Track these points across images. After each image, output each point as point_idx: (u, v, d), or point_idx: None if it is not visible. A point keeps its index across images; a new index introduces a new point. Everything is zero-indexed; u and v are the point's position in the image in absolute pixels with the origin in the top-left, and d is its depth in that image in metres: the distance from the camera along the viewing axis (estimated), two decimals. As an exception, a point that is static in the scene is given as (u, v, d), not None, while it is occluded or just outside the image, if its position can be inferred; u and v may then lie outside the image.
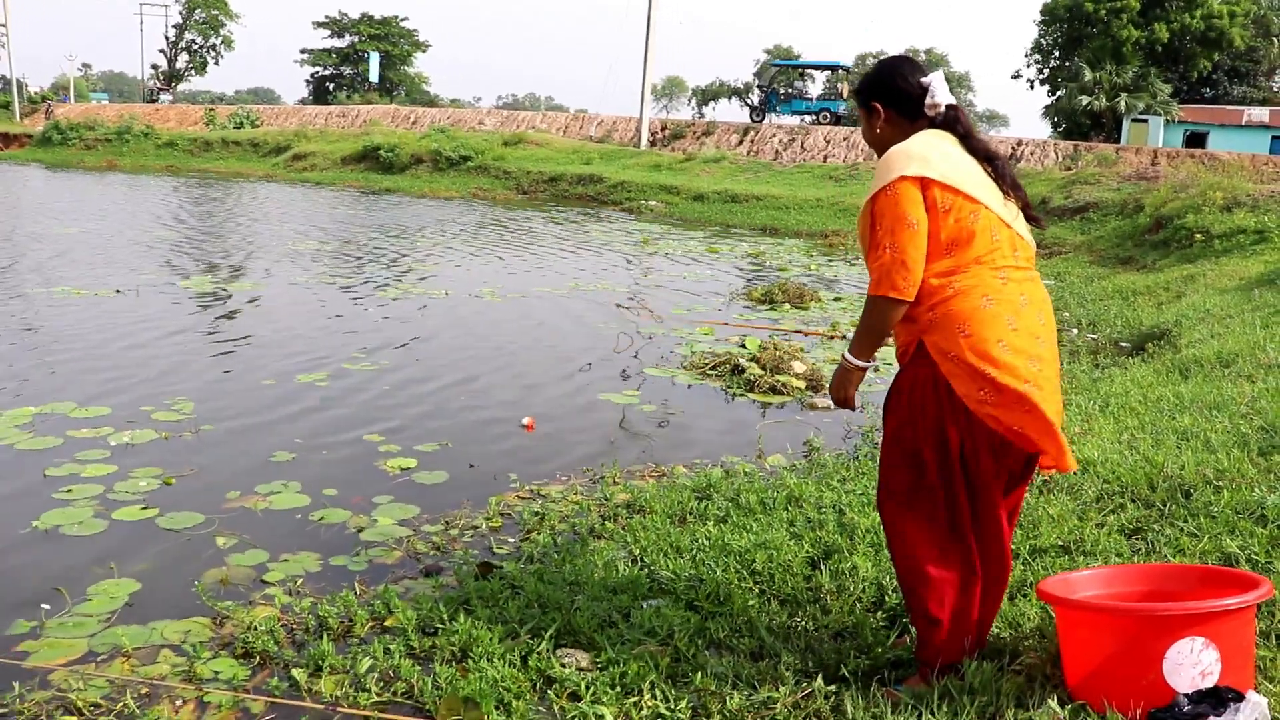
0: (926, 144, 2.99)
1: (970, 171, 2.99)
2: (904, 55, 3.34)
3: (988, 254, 2.92)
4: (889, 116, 3.16)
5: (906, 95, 3.12)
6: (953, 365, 2.88)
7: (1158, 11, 47.96)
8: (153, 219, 19.77)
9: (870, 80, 3.23)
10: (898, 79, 3.14)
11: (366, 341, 9.16)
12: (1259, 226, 14.17)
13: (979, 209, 2.93)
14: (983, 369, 2.83)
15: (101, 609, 4.01)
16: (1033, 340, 2.91)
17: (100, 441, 6.03)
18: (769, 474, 5.66)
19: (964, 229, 2.91)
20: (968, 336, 2.85)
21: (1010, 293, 2.92)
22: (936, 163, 2.93)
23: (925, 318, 2.93)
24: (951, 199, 2.90)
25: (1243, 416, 5.38)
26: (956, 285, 2.89)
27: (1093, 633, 2.77)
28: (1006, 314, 2.88)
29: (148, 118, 46.87)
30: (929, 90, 3.10)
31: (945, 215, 2.90)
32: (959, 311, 2.87)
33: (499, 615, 3.75)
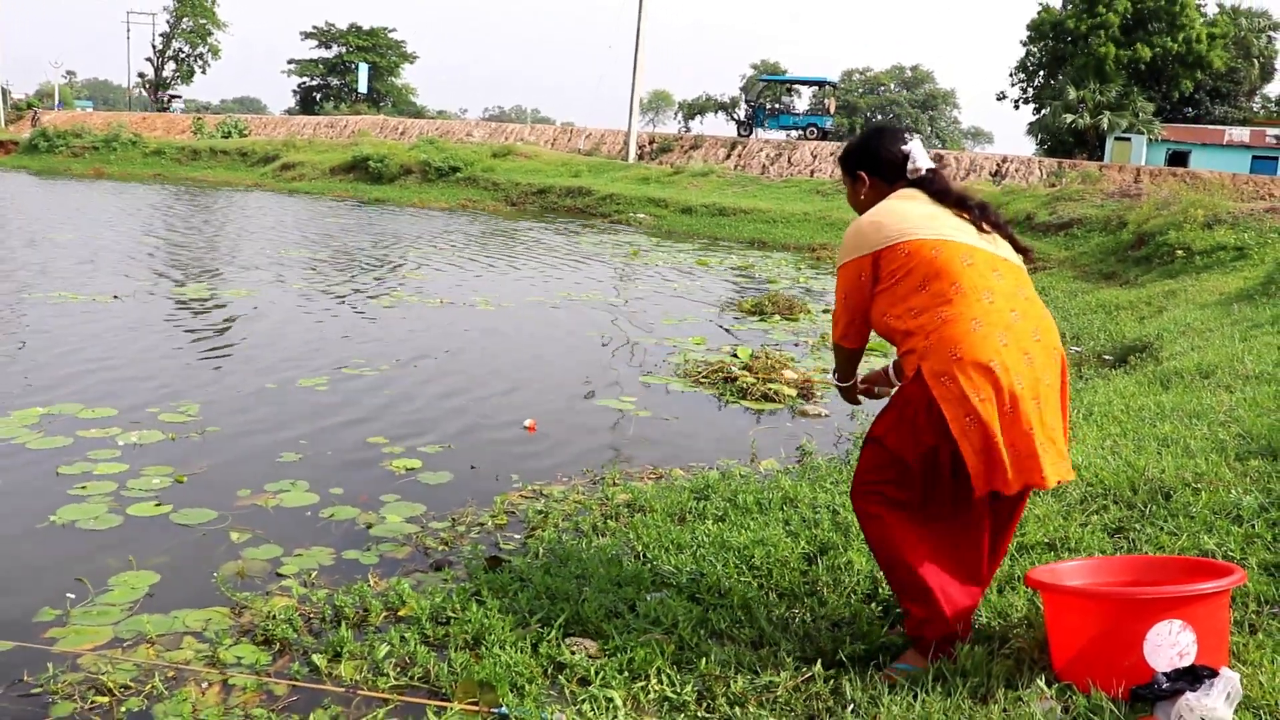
0: (883, 210, 3.23)
1: (928, 217, 3.17)
2: (885, 125, 3.63)
3: (966, 280, 3.06)
4: (873, 183, 3.40)
5: (888, 162, 3.35)
6: (944, 389, 3.00)
7: (1139, 32, 48.55)
8: (144, 226, 19.87)
9: (855, 150, 3.47)
10: (880, 149, 3.38)
11: (363, 348, 9.30)
12: (1239, 244, 14.44)
13: (940, 243, 3.10)
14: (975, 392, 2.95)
15: (124, 599, 4.15)
16: (1021, 357, 3.01)
17: (109, 441, 6.16)
18: (764, 477, 5.83)
19: (931, 266, 3.08)
20: (959, 360, 2.98)
21: (999, 310, 3.05)
22: (887, 226, 3.16)
23: (921, 345, 3.07)
24: (907, 247, 3.10)
25: (1221, 424, 5.57)
26: (944, 314, 3.04)
27: (1078, 616, 2.95)
28: (997, 332, 3.01)
29: (135, 126, 46.89)
30: (909, 157, 3.32)
31: (905, 262, 3.11)
32: (950, 336, 3.01)
33: (509, 606, 3.90)
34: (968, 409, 2.97)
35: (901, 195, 3.28)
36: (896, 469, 3.16)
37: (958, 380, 2.97)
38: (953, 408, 2.98)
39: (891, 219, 3.17)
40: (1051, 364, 3.11)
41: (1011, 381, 2.97)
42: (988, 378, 2.96)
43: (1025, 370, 3.01)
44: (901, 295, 3.12)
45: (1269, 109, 58.81)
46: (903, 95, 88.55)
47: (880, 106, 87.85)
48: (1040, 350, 3.08)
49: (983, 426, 2.96)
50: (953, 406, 2.98)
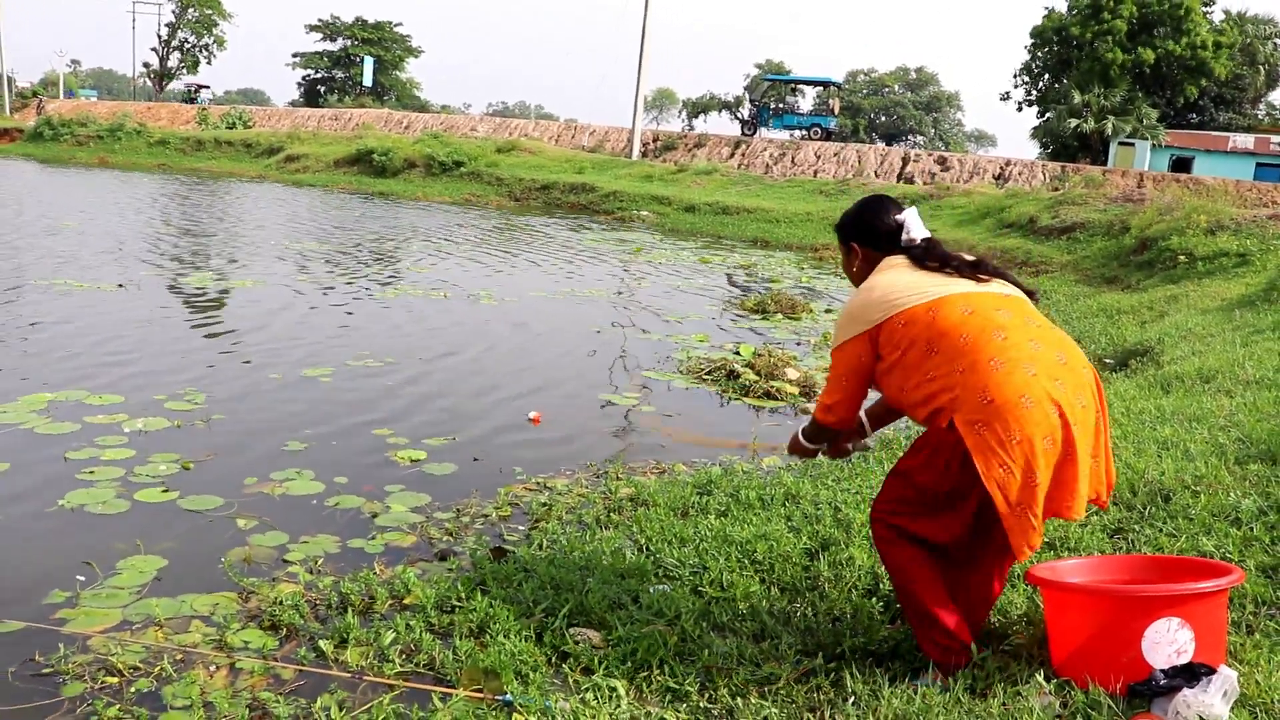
0: (869, 288, 3.22)
1: (914, 284, 3.14)
2: (881, 195, 3.55)
3: (971, 328, 3.01)
4: (864, 254, 3.40)
5: (883, 233, 3.35)
6: (979, 438, 2.89)
7: (1144, 37, 48.58)
8: (149, 216, 19.92)
9: (848, 221, 3.47)
10: (876, 221, 3.38)
11: (368, 339, 9.35)
12: (1241, 250, 14.47)
13: (933, 304, 3.07)
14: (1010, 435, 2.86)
15: (132, 582, 4.19)
16: (1052, 384, 2.92)
17: (116, 428, 6.20)
18: (766, 473, 5.87)
19: (932, 329, 3.04)
20: (990, 403, 2.89)
21: (1015, 344, 2.97)
22: (877, 303, 3.14)
23: (947, 400, 2.98)
24: (902, 318, 3.09)
25: (1221, 428, 5.61)
26: (961, 366, 2.97)
27: (1078, 613, 2.99)
28: (1022, 366, 2.92)
29: (140, 115, 46.91)
30: (904, 227, 3.31)
31: (905, 333, 3.08)
32: (976, 383, 2.92)
33: (514, 595, 3.94)
34: (1001, 460, 2.86)
35: (885, 266, 3.28)
36: (920, 504, 3.12)
37: (993, 427, 2.87)
38: (986, 459, 2.88)
39: (878, 294, 3.16)
40: (1083, 384, 3.00)
41: (1047, 412, 2.87)
42: (1023, 416, 2.86)
43: (1060, 394, 2.91)
44: (913, 365, 3.07)
45: (1274, 116, 58.83)
46: (907, 97, 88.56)
47: (884, 108, 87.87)
48: (1068, 372, 2.98)
49: (1021, 475, 2.86)
50: (986, 457, 2.88)
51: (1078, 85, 47.81)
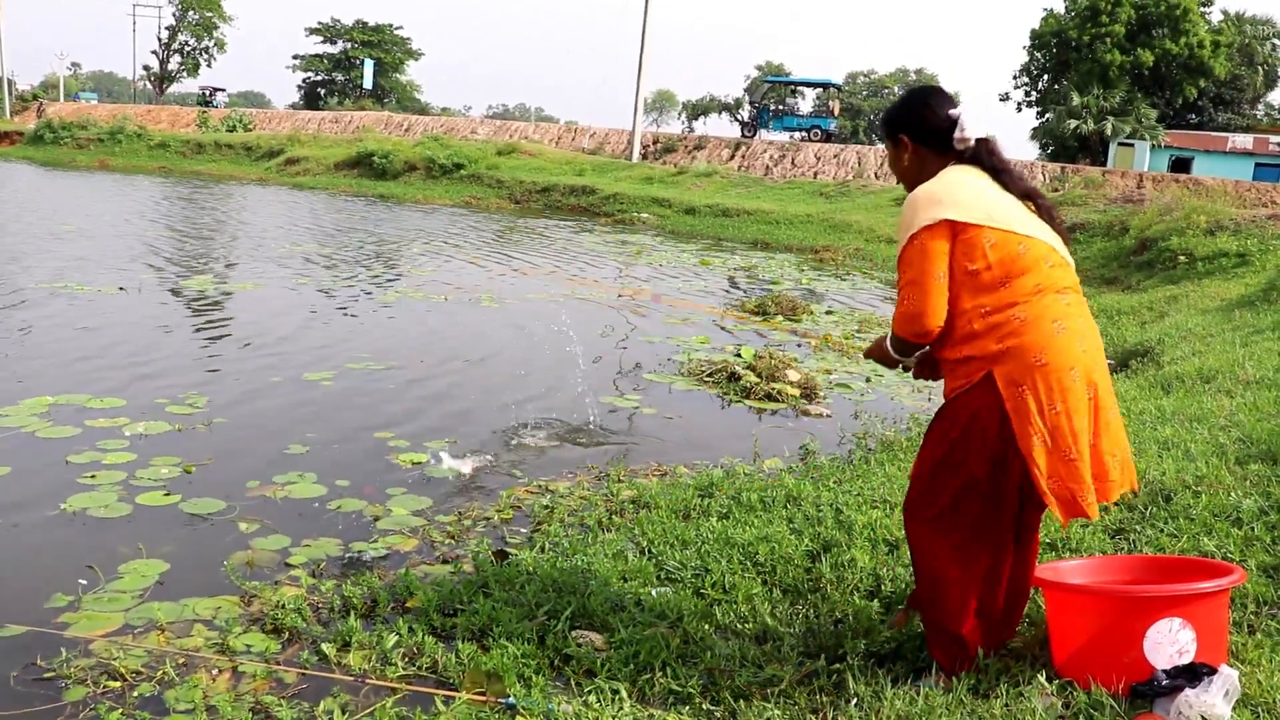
0: (955, 182, 2.96)
1: (1009, 205, 2.95)
2: (933, 85, 3.27)
3: (1048, 281, 2.90)
4: (916, 150, 3.12)
5: (934, 128, 3.07)
6: (1021, 398, 2.83)
7: (1143, 38, 48.63)
8: (149, 219, 19.92)
9: (896, 111, 3.18)
10: (925, 110, 3.09)
11: (369, 342, 9.35)
12: (1241, 250, 14.49)
13: (1026, 240, 2.89)
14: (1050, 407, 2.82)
15: (134, 586, 4.20)
16: (1095, 364, 2.91)
17: (117, 431, 6.20)
18: (767, 475, 5.87)
19: (1015, 262, 2.87)
20: (1043, 366, 2.82)
21: (1076, 314, 2.92)
22: (969, 203, 2.89)
23: (993, 349, 2.87)
24: (993, 235, 2.87)
25: (1221, 428, 5.61)
26: (1022, 315, 2.85)
27: (1079, 614, 3.00)
28: (1075, 336, 2.87)
29: (140, 118, 46.97)
30: (957, 123, 3.05)
31: (988, 252, 2.86)
32: (1033, 343, 2.83)
33: (516, 598, 3.95)
34: (1037, 429, 2.82)
35: (966, 171, 3.01)
36: (967, 489, 2.96)
37: (1037, 390, 2.81)
38: (1022, 422, 2.83)
39: (968, 195, 2.91)
40: (1105, 368, 3.01)
41: (1097, 387, 2.87)
42: (1067, 389, 2.82)
43: (1100, 378, 2.90)
44: (985, 288, 2.88)
45: (1272, 116, 58.86)
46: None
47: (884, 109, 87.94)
48: (1099, 353, 2.98)
49: (1059, 442, 2.82)
50: (1023, 421, 2.83)
51: (1077, 86, 47.85)
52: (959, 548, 3.02)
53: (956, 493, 2.99)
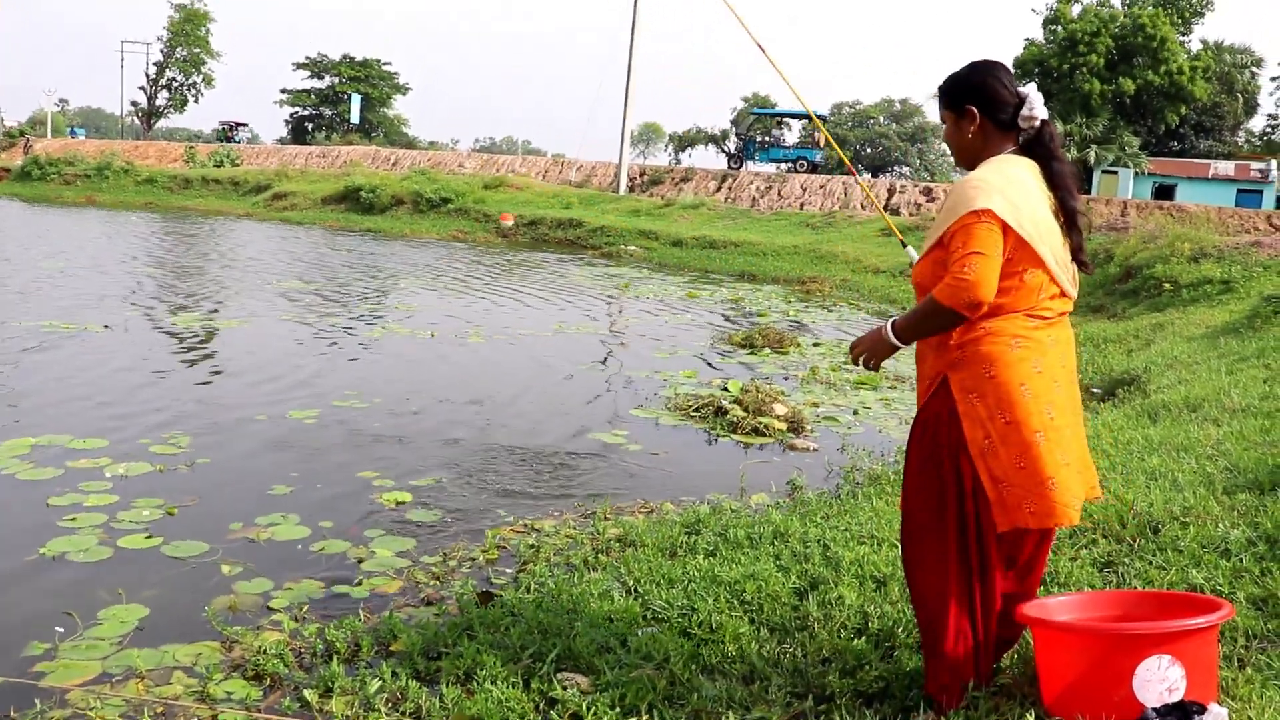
0: (1010, 180, 2.93)
1: (1041, 218, 2.93)
2: (998, 60, 3.17)
3: (1027, 306, 2.93)
4: (983, 124, 3.05)
5: (1004, 103, 3.02)
6: (970, 404, 2.92)
7: (1123, 67, 49.08)
8: (135, 255, 19.87)
9: (964, 81, 3.09)
10: (997, 84, 3.03)
11: (355, 380, 9.31)
12: (1225, 277, 14.57)
13: (1036, 270, 2.91)
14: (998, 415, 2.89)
15: (113, 632, 4.14)
16: (1052, 385, 2.95)
17: (99, 473, 6.15)
18: (754, 511, 5.84)
19: (1017, 281, 2.90)
20: (992, 378, 2.89)
21: (1040, 335, 2.94)
22: (1015, 207, 2.87)
23: (954, 354, 2.96)
24: (1016, 250, 2.87)
25: (1208, 458, 5.60)
26: (989, 326, 2.91)
27: (1068, 651, 2.96)
28: (1034, 356, 2.91)
29: (127, 154, 47.00)
30: (1026, 101, 3.01)
31: (1005, 264, 2.87)
32: (987, 353, 2.90)
33: (501, 640, 3.90)
34: (987, 432, 2.90)
35: (1018, 165, 2.98)
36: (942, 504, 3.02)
37: (986, 400, 2.89)
38: (972, 426, 2.92)
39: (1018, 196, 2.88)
40: (1074, 396, 3.04)
41: (1042, 407, 2.90)
42: (1017, 400, 2.87)
43: (1054, 397, 2.94)
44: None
45: (1253, 143, 59.41)
46: (891, 128, 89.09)
47: (869, 140, 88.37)
48: (1065, 375, 3.01)
49: (1008, 451, 2.89)
50: (972, 425, 2.92)
51: (1060, 115, 48.17)
52: (946, 559, 3.04)
53: (936, 501, 3.04)
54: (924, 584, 3.11)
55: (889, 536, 4.78)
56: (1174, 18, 49.61)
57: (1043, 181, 3.02)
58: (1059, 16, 50.49)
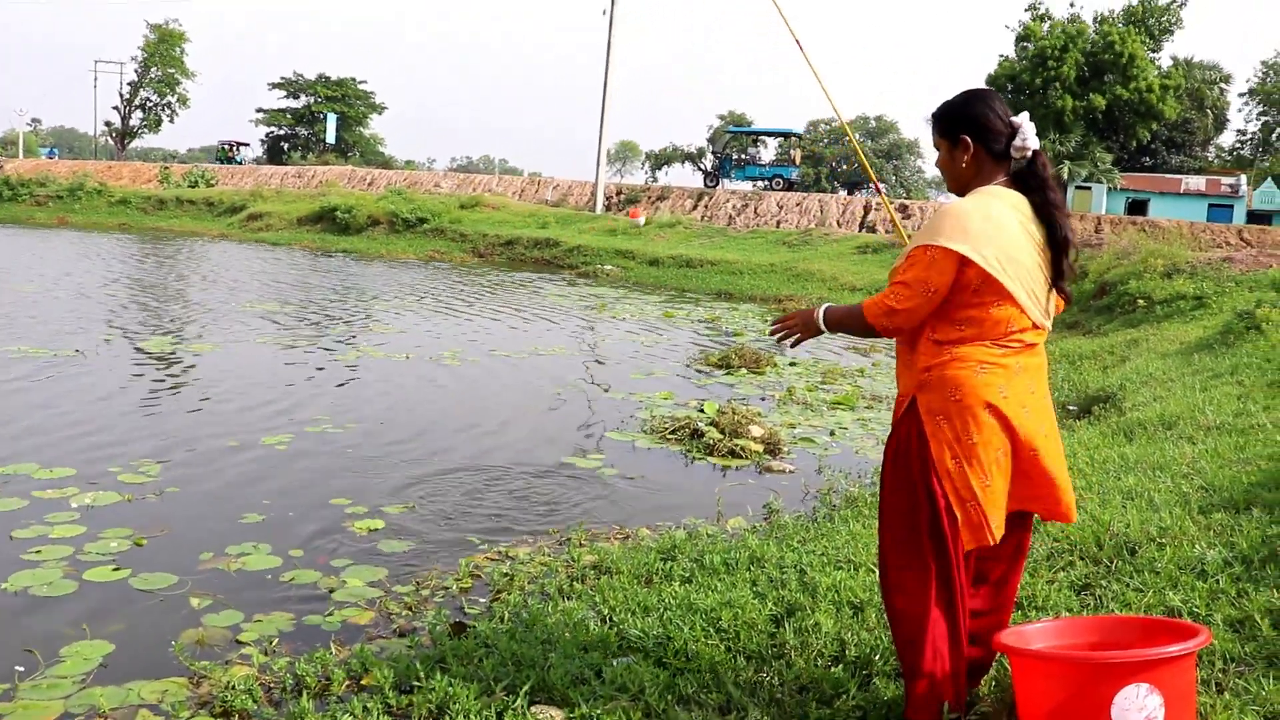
0: (987, 215, 2.96)
1: (1017, 254, 2.96)
2: (992, 89, 3.23)
3: (994, 336, 2.98)
4: (977, 153, 3.08)
5: (997, 133, 3.04)
6: (936, 425, 2.97)
7: (1094, 83, 49.57)
8: (108, 278, 19.69)
9: (958, 110, 3.11)
10: (990, 113, 3.05)
11: (328, 404, 9.23)
12: (1197, 293, 14.67)
13: (1005, 303, 2.95)
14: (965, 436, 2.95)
15: (76, 670, 4.06)
16: (1019, 410, 2.98)
17: (66, 503, 6.05)
18: (731, 535, 5.80)
19: (984, 313, 2.95)
20: (957, 401, 2.95)
21: (1007, 362, 2.99)
22: (986, 242, 2.91)
23: (921, 376, 3.03)
24: (980, 284, 2.93)
25: (1184, 476, 5.61)
26: (956, 352, 2.97)
27: (1046, 680, 2.93)
28: (999, 380, 2.96)
29: (100, 175, 46.69)
30: (1019, 131, 3.03)
31: (968, 295, 2.94)
32: (953, 377, 2.96)
33: (474, 673, 3.84)
34: (955, 453, 2.96)
35: (1004, 199, 3.01)
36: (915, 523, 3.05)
37: (953, 422, 2.95)
38: (939, 447, 2.97)
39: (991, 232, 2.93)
40: (1044, 420, 3.07)
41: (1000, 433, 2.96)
42: (984, 421, 2.94)
43: (1020, 419, 2.98)
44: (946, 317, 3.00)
45: (1223, 158, 60.09)
46: (867, 145, 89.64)
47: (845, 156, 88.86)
48: (1035, 400, 3.04)
49: (973, 471, 2.95)
50: (939, 446, 2.97)
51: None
52: (925, 580, 3.06)
53: (909, 521, 3.07)
54: (902, 605, 3.12)
55: (865, 561, 4.76)
56: (1143, 35, 50.16)
57: (1029, 214, 3.04)
58: (1030, 33, 51.00)
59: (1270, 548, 4.24)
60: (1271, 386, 7.95)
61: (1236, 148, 63.78)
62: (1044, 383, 3.14)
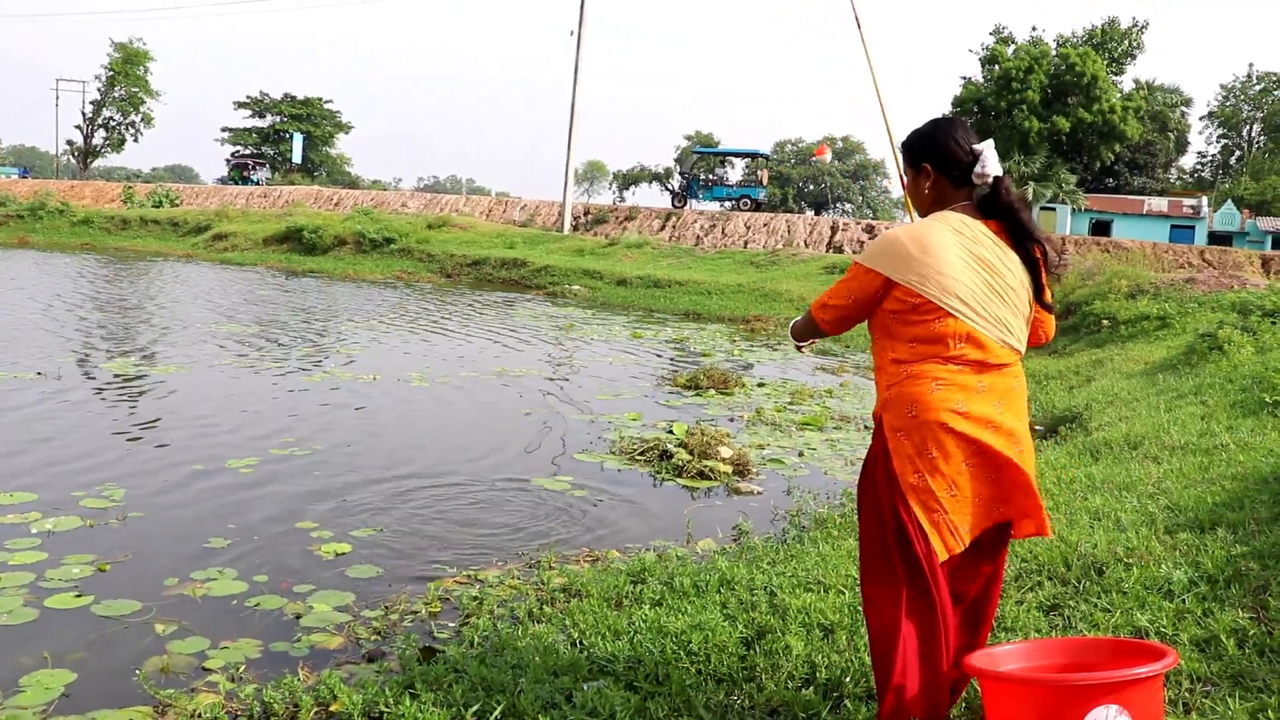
0: (918, 238, 3.05)
1: (954, 273, 3.01)
2: (958, 118, 3.35)
3: (949, 353, 3.04)
4: (936, 180, 3.18)
5: (956, 161, 3.13)
6: (898, 441, 3.05)
7: (1058, 105, 50.24)
8: (70, 299, 19.46)
9: (922, 139, 3.21)
10: (951, 142, 3.14)
11: (295, 427, 9.15)
12: (1161, 313, 14.85)
13: (947, 317, 3.01)
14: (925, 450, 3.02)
15: (35, 700, 3.98)
16: (983, 426, 3.03)
17: (25, 529, 5.95)
18: (700, 558, 5.79)
19: (929, 330, 3.04)
20: (914, 417, 3.03)
21: (964, 379, 3.04)
22: (918, 264, 3.00)
23: (884, 396, 3.14)
24: (916, 302, 3.02)
25: (1150, 496, 5.66)
26: (912, 370, 3.07)
27: (1016, 703, 2.94)
28: (957, 396, 3.02)
29: (63, 194, 46.28)
30: (980, 159, 3.12)
31: (909, 313, 3.05)
32: (909, 393, 3.05)
33: (444, 699, 3.81)
34: (916, 468, 3.03)
35: (949, 225, 3.08)
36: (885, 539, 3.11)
37: (912, 438, 3.03)
38: (901, 463, 3.04)
39: (922, 256, 3.02)
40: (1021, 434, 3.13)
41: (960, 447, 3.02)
42: (941, 438, 3.01)
43: (982, 435, 3.03)
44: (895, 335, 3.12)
45: (1184, 180, 61.00)
46: (834, 166, 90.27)
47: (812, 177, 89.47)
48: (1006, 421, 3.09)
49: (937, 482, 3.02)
50: (901, 462, 3.04)
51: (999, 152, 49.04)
52: (896, 598, 3.09)
53: (879, 538, 3.13)
54: (875, 620, 3.17)
55: (835, 583, 4.76)
56: (1105, 58, 50.92)
57: (981, 236, 3.11)
58: (996, 56, 51.64)
59: (1235, 568, 4.29)
60: (1234, 407, 8.06)
61: (1197, 169, 64.83)
62: (1017, 406, 3.15)
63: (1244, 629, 3.73)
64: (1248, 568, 4.26)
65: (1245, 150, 66.37)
